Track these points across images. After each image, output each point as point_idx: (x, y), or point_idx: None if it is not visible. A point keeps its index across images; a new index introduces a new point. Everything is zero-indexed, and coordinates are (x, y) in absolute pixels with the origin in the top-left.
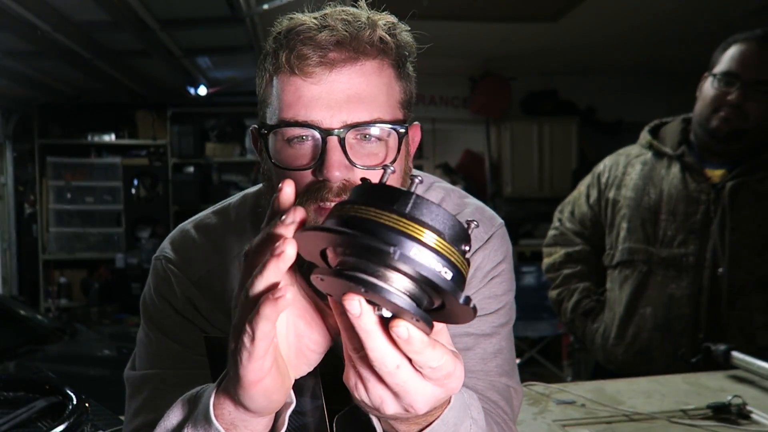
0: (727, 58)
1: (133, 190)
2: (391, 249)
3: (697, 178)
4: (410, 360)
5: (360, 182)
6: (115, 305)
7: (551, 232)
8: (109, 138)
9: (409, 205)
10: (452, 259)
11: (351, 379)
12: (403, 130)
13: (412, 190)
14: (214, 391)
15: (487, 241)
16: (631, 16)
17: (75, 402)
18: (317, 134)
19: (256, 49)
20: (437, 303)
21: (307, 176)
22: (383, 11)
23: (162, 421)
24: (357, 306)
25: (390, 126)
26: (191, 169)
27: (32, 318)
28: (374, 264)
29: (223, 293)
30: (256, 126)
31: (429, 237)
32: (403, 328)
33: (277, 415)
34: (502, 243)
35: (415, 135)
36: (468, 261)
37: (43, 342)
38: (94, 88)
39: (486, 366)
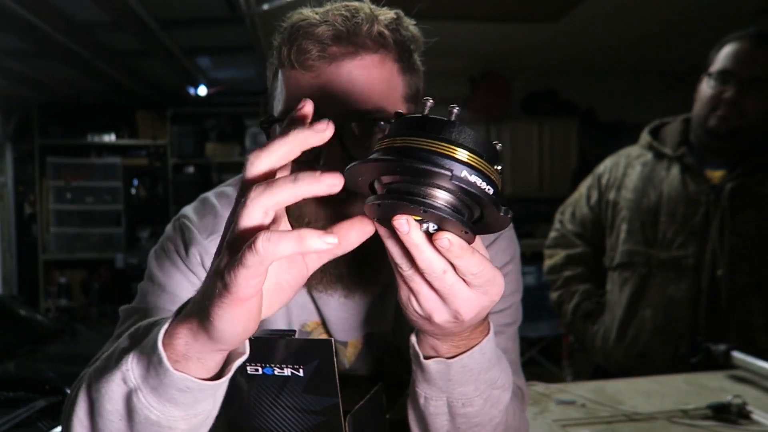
0: (722, 57)
1: (133, 190)
2: (440, 170)
3: (696, 180)
4: (454, 268)
5: (396, 116)
6: (115, 305)
7: (552, 234)
8: (109, 138)
9: (453, 132)
10: (492, 176)
11: (404, 294)
12: None
13: (453, 118)
14: (169, 321)
15: (494, 241)
16: (631, 17)
17: None
18: None
19: (256, 49)
20: (476, 214)
21: (307, 169)
22: (384, 7)
23: (117, 343)
24: (405, 224)
25: (389, 119)
26: (191, 169)
27: (32, 318)
28: (422, 185)
29: None
30: (262, 119)
31: (472, 158)
32: (445, 239)
33: (227, 362)
34: (509, 244)
35: None
36: (501, 177)
37: (43, 342)
38: (94, 88)
39: None
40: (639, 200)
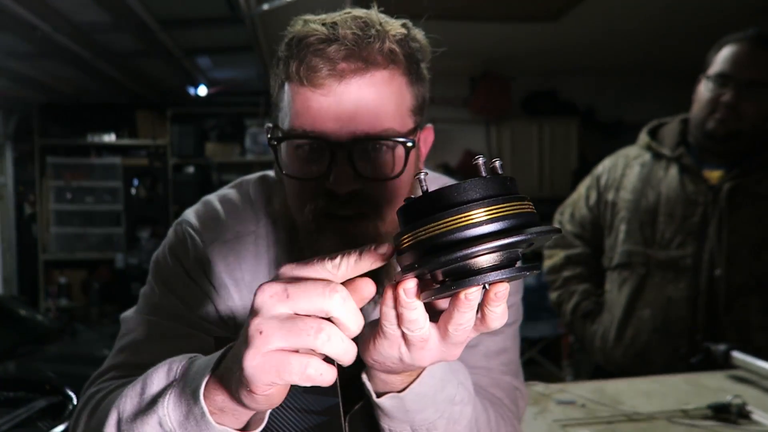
0: (721, 60)
1: (133, 190)
2: (475, 247)
3: (694, 180)
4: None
5: (404, 202)
6: (115, 305)
7: None
8: (109, 138)
9: (464, 195)
10: (520, 209)
11: (394, 348)
12: (410, 144)
13: (424, 186)
14: (209, 374)
15: None
16: (631, 16)
17: (75, 402)
18: (325, 146)
19: (256, 49)
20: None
21: (316, 185)
22: (396, 17)
23: (143, 379)
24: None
25: (397, 140)
26: (191, 169)
27: (32, 318)
28: (468, 266)
29: (234, 265)
30: (269, 125)
31: (491, 211)
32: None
33: None
34: None
35: (428, 137)
36: (524, 197)
37: (43, 342)
38: (94, 88)
39: (489, 363)
40: (637, 201)
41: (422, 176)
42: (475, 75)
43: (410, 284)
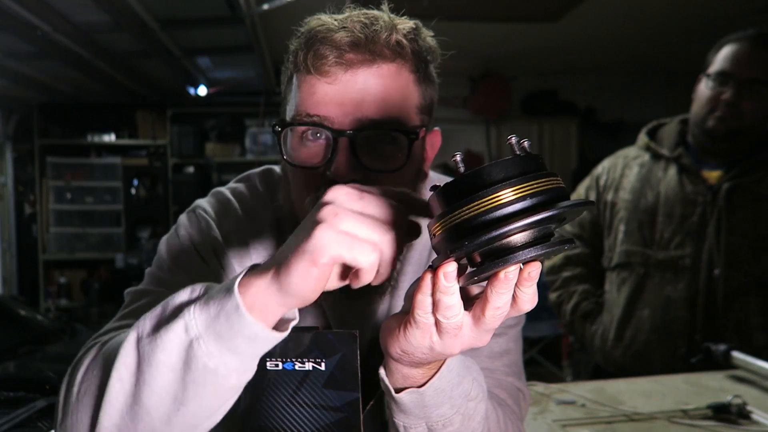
0: (721, 58)
1: (133, 190)
2: (508, 226)
3: (693, 180)
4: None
5: (432, 190)
6: (115, 305)
7: None
8: (109, 138)
9: (491, 176)
10: (546, 185)
11: (424, 336)
12: (414, 137)
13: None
14: (243, 272)
15: None
16: (632, 16)
17: None
18: (329, 133)
19: (256, 49)
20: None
21: (318, 175)
22: (403, 15)
23: (162, 304)
24: (512, 274)
25: (401, 131)
26: (191, 169)
27: (32, 318)
28: (502, 245)
29: (244, 253)
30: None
31: (519, 190)
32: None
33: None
34: None
35: (435, 141)
36: (552, 174)
37: (43, 342)
38: (94, 88)
39: (493, 364)
40: (636, 201)
41: (458, 158)
42: (475, 75)
43: (450, 267)
